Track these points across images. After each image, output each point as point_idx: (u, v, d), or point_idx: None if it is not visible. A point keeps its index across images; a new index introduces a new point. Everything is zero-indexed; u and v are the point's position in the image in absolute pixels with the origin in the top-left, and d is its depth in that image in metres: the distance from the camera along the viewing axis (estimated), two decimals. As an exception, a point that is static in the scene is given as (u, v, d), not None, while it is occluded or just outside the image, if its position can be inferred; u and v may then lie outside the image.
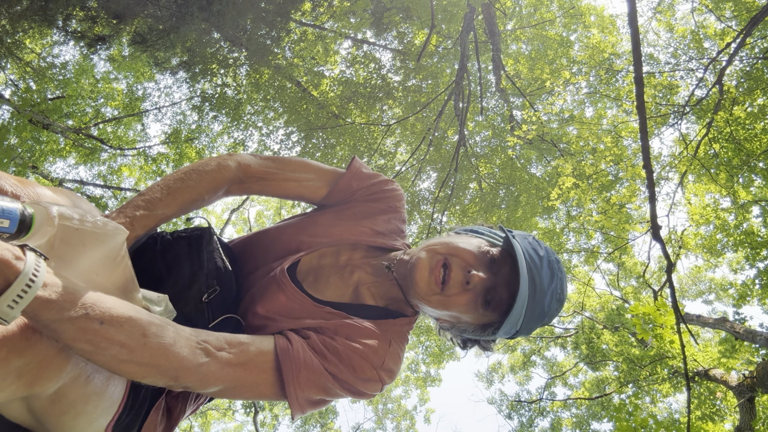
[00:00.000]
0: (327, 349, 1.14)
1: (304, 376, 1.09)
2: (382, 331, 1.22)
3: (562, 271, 1.22)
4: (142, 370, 0.90)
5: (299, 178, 1.38)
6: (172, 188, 1.18)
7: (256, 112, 9.72)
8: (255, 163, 1.34)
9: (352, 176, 1.41)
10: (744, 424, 7.18)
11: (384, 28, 8.21)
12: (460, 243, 1.23)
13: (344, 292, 1.29)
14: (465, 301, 1.18)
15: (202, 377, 0.97)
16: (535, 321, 1.19)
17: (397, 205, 1.44)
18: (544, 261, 1.18)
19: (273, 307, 1.23)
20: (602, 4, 25.33)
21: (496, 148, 9.76)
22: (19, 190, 0.96)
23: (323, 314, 1.22)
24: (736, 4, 8.58)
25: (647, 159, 3.46)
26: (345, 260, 1.32)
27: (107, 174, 11.39)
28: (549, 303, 1.19)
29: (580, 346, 12.75)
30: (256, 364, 1.06)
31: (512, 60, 10.52)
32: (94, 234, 0.89)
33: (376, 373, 1.16)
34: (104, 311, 0.84)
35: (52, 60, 10.17)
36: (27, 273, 0.73)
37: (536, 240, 1.24)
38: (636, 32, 3.09)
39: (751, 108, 8.19)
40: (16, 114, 8.00)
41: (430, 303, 1.20)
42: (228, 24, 6.57)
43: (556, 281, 1.20)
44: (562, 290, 1.22)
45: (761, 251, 8.36)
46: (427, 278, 1.18)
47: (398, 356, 1.22)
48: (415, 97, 8.63)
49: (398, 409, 17.17)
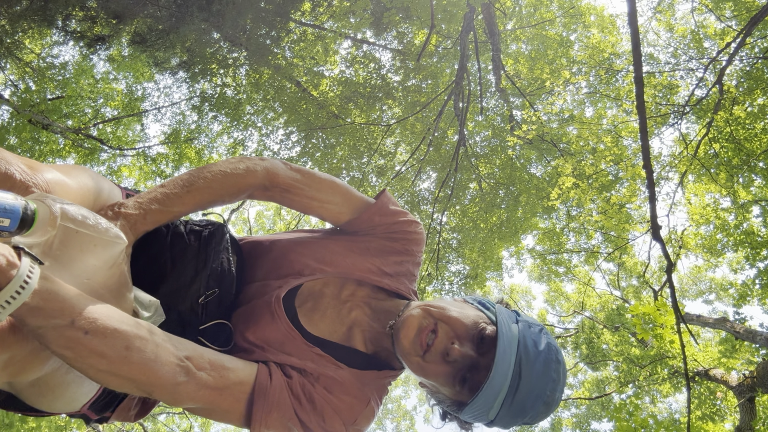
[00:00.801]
0: (304, 395, 1.13)
1: (275, 417, 1.08)
2: (363, 385, 1.20)
3: (560, 374, 1.13)
4: (119, 381, 0.91)
5: (324, 199, 1.33)
6: (194, 187, 1.16)
7: (256, 112, 9.72)
8: (283, 174, 1.29)
9: (378, 210, 1.37)
10: (744, 424, 7.18)
11: (384, 28, 8.21)
12: (457, 311, 1.18)
13: (337, 329, 1.26)
14: (442, 372, 1.14)
15: (176, 396, 0.97)
16: (513, 417, 1.11)
17: (415, 249, 1.39)
18: (540, 357, 1.10)
19: (264, 336, 1.21)
20: (602, 4, 25.36)
21: (496, 148, 9.76)
22: (28, 177, 0.95)
23: (311, 356, 1.19)
24: (736, 4, 8.57)
25: (647, 159, 3.45)
26: (347, 295, 1.30)
27: (107, 174, 11.38)
28: (533, 403, 1.09)
29: (580, 346, 12.75)
30: (232, 392, 1.06)
31: (512, 60, 10.52)
32: (93, 238, 0.89)
33: (344, 429, 1.15)
34: (91, 321, 0.84)
35: (51, 60, 10.17)
36: (19, 279, 0.74)
37: (544, 333, 1.17)
38: (636, 32, 3.09)
39: (751, 108, 8.19)
40: (16, 114, 8.00)
41: (410, 364, 1.17)
42: (227, 24, 6.57)
43: (547, 382, 1.10)
44: (553, 393, 1.11)
45: (761, 251, 8.36)
46: (412, 339, 1.15)
47: (372, 415, 1.21)
48: (415, 97, 8.63)
49: (398, 410, 17.18)
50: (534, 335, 1.14)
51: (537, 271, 14.22)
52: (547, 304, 15.71)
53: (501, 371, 1.06)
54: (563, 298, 14.82)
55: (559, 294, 14.89)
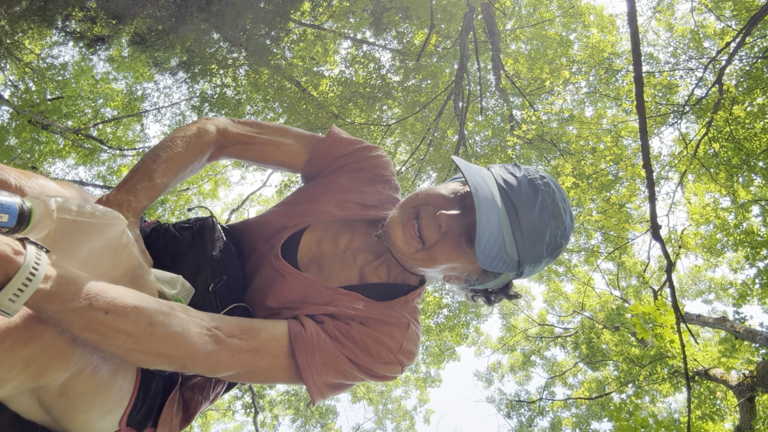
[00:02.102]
0: (342, 334, 1.11)
1: (319, 359, 1.07)
2: (398, 313, 1.18)
3: (550, 186, 1.10)
4: (150, 358, 0.90)
5: (277, 142, 1.33)
6: (163, 157, 1.16)
7: (256, 112, 9.72)
8: (232, 127, 1.31)
9: (332, 142, 1.35)
10: (744, 423, 7.18)
11: (383, 27, 8.21)
12: (432, 190, 1.17)
13: (350, 276, 1.25)
14: (449, 248, 1.10)
15: (211, 364, 0.96)
16: (535, 243, 1.06)
17: (385, 173, 1.37)
18: (522, 180, 1.08)
19: (283, 297, 1.20)
20: (601, 4, 25.35)
21: (495, 147, 9.76)
22: (22, 181, 0.96)
23: (337, 297, 1.18)
24: (736, 4, 8.58)
25: (647, 158, 3.45)
26: (345, 243, 1.27)
27: (107, 174, 11.39)
28: (541, 219, 1.06)
29: (579, 346, 12.75)
30: (269, 349, 1.05)
31: (512, 60, 10.52)
32: (92, 224, 0.89)
33: (393, 357, 1.13)
34: (109, 301, 0.84)
35: (51, 60, 10.17)
36: (27, 266, 0.74)
37: (516, 165, 1.15)
38: (635, 32, 3.09)
39: (751, 107, 8.19)
40: (16, 115, 8.00)
41: (417, 262, 1.14)
42: (227, 24, 6.57)
43: (542, 195, 1.07)
44: (554, 203, 1.08)
45: (761, 251, 8.36)
46: (402, 235, 1.12)
47: (417, 337, 1.19)
48: (415, 96, 8.63)
49: (398, 410, 17.17)
50: (507, 168, 1.13)
51: (537, 271, 14.19)
52: (547, 304, 15.72)
53: (484, 199, 1.02)
54: (563, 298, 14.82)
55: (558, 294, 14.89)
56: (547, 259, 1.11)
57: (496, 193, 1.06)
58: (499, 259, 1.05)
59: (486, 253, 1.02)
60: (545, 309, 15.58)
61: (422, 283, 1.30)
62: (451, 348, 14.62)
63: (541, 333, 14.68)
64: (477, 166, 1.13)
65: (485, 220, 1.01)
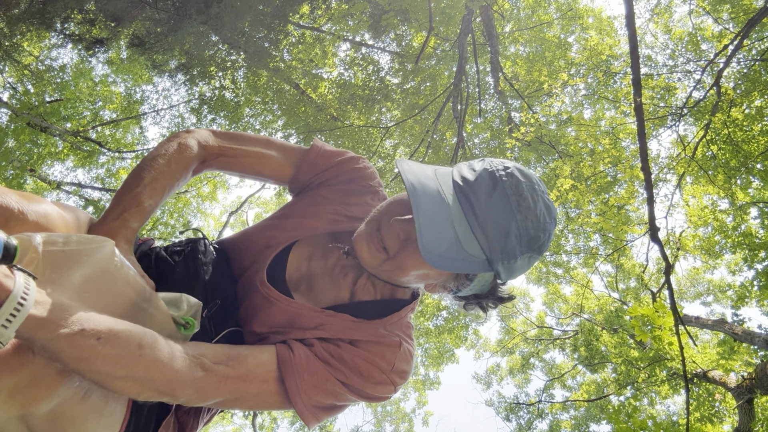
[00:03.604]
0: (332, 356, 1.10)
1: (309, 381, 1.05)
2: (389, 331, 1.16)
3: (514, 176, 1.01)
4: (137, 385, 0.88)
5: (260, 154, 1.29)
6: (147, 179, 1.13)
7: (255, 114, 9.73)
8: (213, 140, 1.27)
9: (317, 155, 1.32)
10: (743, 425, 7.19)
11: (382, 30, 8.22)
12: (391, 198, 1.13)
13: (340, 294, 1.21)
14: (412, 254, 1.04)
15: (198, 390, 0.95)
16: (500, 237, 0.98)
17: (372, 183, 1.33)
18: (481, 174, 1.01)
19: (270, 322, 1.17)
20: (600, 6, 25.41)
21: (494, 149, 9.77)
22: (24, 206, 0.95)
23: (325, 319, 1.15)
24: (734, 6, 8.61)
25: (645, 161, 3.46)
26: (334, 260, 1.24)
27: (105, 177, 11.38)
28: (503, 211, 0.98)
29: (578, 348, 12.75)
30: (257, 375, 1.03)
31: (510, 62, 10.54)
32: (80, 251, 0.89)
33: (386, 377, 1.11)
34: (99, 326, 0.83)
35: (50, 63, 10.17)
36: (17, 292, 0.73)
37: (482, 160, 1.08)
38: (634, 34, 3.10)
39: (749, 110, 8.21)
40: (15, 117, 8.00)
41: (387, 272, 1.09)
42: (226, 27, 6.57)
43: (502, 186, 0.99)
44: (519, 194, 0.99)
45: (759, 253, 8.37)
46: (367, 248, 1.08)
47: (410, 356, 1.16)
48: (414, 99, 8.64)
49: (397, 412, 17.16)
50: (468, 164, 1.07)
51: (535, 273, 14.23)
52: (546, 306, 15.72)
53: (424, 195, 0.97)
54: (561, 300, 14.83)
55: (557, 296, 14.89)
56: (528, 255, 1.02)
57: (447, 190, 1.00)
58: (461, 259, 0.98)
59: (434, 252, 0.95)
60: (544, 311, 15.58)
61: (415, 297, 1.27)
62: (450, 350, 14.61)
63: (540, 335, 14.67)
64: (430, 167, 1.09)
65: (426, 218, 0.95)
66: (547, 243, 1.05)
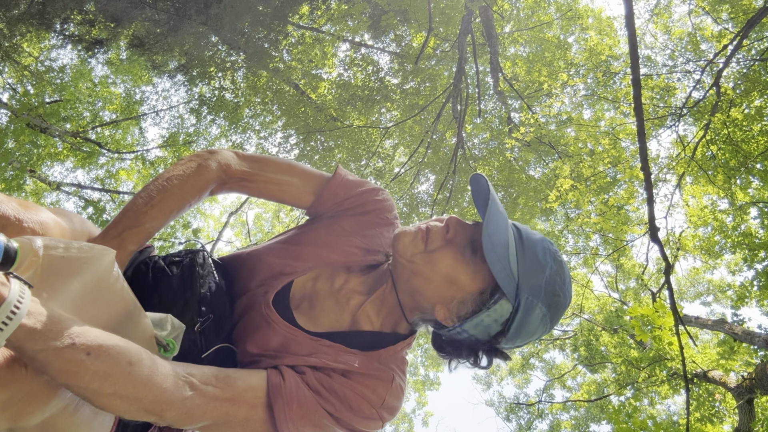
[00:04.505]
0: (323, 387, 1.09)
1: (297, 412, 1.04)
2: (383, 365, 1.16)
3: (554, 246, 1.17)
4: (125, 403, 0.87)
5: (281, 181, 1.30)
6: (156, 199, 1.12)
7: (254, 115, 9.73)
8: (236, 164, 1.26)
9: (339, 183, 1.33)
10: (743, 425, 7.18)
11: (381, 30, 8.22)
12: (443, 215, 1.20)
13: (341, 319, 1.21)
14: (450, 255, 1.11)
15: (187, 411, 0.93)
16: (535, 271, 1.07)
17: (389, 216, 1.36)
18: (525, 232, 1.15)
19: (265, 344, 1.17)
20: (600, 6, 25.42)
21: (494, 150, 9.78)
22: (21, 214, 0.95)
23: (321, 349, 1.15)
24: (733, 6, 8.61)
25: (645, 161, 3.46)
26: (340, 284, 1.25)
27: (105, 178, 11.38)
28: (543, 254, 1.10)
29: (578, 349, 12.74)
30: (245, 399, 1.02)
31: (510, 62, 10.54)
32: (81, 259, 0.88)
33: (375, 412, 1.10)
34: (90, 341, 0.82)
35: (49, 63, 10.17)
36: (11, 300, 0.72)
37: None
38: (633, 34, 3.10)
39: (748, 110, 8.21)
40: (14, 118, 7.99)
41: (416, 266, 1.13)
42: (226, 27, 6.58)
43: (545, 242, 1.14)
44: (556, 252, 1.14)
45: (759, 253, 8.37)
46: (412, 238, 1.14)
47: (400, 392, 1.16)
48: (413, 99, 8.64)
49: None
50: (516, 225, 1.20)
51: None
52: (546, 306, 15.69)
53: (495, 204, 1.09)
54: (562, 300, 14.80)
55: (557, 296, 14.86)
56: (544, 310, 1.09)
57: (503, 210, 1.12)
58: (503, 265, 1.05)
59: (491, 236, 1.06)
60: (544, 311, 15.55)
61: (412, 333, 1.26)
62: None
63: (540, 335, 14.64)
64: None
65: (494, 211, 1.07)
66: (559, 312, 1.12)
